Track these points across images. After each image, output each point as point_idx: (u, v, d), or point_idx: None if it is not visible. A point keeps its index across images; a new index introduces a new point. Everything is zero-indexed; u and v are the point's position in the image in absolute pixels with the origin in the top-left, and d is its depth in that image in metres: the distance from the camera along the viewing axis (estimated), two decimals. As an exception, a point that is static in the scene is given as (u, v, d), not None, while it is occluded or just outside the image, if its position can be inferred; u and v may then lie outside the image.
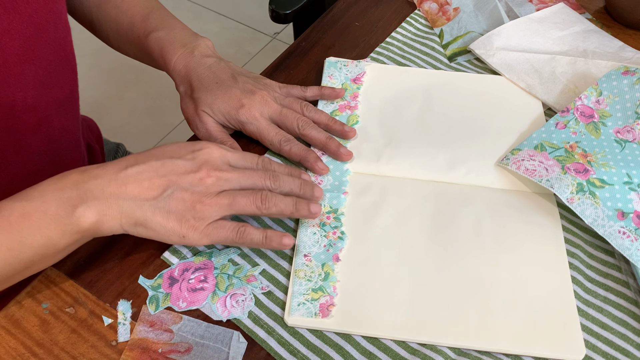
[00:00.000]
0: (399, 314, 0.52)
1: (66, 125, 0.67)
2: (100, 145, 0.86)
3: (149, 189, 0.51)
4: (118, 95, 1.92)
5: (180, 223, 0.51)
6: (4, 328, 0.51)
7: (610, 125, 0.63)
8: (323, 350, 0.50)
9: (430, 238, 0.57)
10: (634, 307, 0.53)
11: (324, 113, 0.65)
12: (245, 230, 0.52)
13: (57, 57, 0.63)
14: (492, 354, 0.51)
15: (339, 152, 0.62)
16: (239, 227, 0.52)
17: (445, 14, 0.79)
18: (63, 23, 0.63)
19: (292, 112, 0.63)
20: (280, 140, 0.62)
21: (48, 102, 0.63)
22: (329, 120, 0.65)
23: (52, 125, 0.64)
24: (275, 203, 0.53)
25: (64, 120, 0.66)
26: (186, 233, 0.51)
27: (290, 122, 0.63)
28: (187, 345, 0.50)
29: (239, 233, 0.52)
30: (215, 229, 0.52)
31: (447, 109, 0.68)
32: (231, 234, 0.52)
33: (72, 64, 0.67)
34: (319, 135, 0.63)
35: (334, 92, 0.68)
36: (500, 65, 0.72)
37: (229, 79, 0.63)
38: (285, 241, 0.53)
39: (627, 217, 0.55)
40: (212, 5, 2.19)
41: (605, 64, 0.70)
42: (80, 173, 0.52)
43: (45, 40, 0.60)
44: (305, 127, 0.63)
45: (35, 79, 0.60)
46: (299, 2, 0.97)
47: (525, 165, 0.60)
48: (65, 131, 0.67)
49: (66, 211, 0.49)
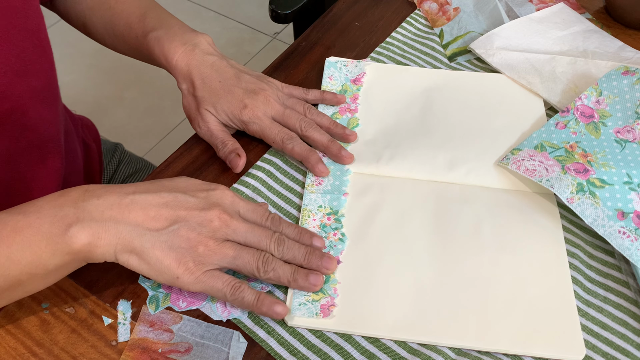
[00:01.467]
0: (399, 314, 0.52)
1: (44, 115, 0.65)
2: (97, 143, 0.86)
3: (155, 220, 0.49)
4: (118, 95, 1.92)
5: (178, 263, 0.49)
6: (4, 328, 0.51)
7: (610, 125, 0.63)
8: (323, 350, 0.50)
9: (430, 238, 0.57)
10: (634, 307, 0.53)
11: (326, 116, 0.65)
12: (240, 287, 0.50)
13: (31, 45, 0.61)
14: (492, 354, 0.51)
15: (340, 154, 0.62)
16: (234, 283, 0.50)
17: (446, 14, 0.79)
18: (34, 10, 0.62)
19: (294, 113, 0.63)
20: (283, 138, 0.62)
21: (23, 91, 0.61)
22: (331, 124, 0.65)
23: (27, 114, 0.62)
24: (274, 268, 0.51)
25: (41, 110, 0.64)
26: (181, 275, 0.49)
27: (292, 123, 0.63)
28: (187, 345, 0.50)
29: (233, 289, 0.50)
30: (210, 278, 0.49)
31: (447, 108, 0.68)
32: (225, 288, 0.50)
33: (48, 52, 0.65)
34: (321, 137, 0.63)
35: (335, 98, 0.68)
36: (500, 65, 0.72)
37: (232, 77, 0.64)
38: (277, 309, 0.50)
39: (627, 217, 0.55)
40: (212, 5, 2.19)
41: (605, 64, 0.70)
42: (82, 192, 0.49)
43: (16, 26, 0.59)
44: (307, 128, 0.63)
45: (7, 66, 0.58)
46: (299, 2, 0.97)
47: (526, 165, 0.60)
48: (43, 120, 0.65)
49: (60, 229, 0.47)
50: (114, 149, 0.90)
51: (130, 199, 0.49)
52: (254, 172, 0.63)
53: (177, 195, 0.51)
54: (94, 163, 0.83)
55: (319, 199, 0.60)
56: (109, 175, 0.87)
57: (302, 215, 0.58)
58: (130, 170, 0.89)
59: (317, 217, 0.58)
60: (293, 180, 0.62)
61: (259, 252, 0.51)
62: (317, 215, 0.58)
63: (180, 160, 0.65)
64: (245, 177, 0.62)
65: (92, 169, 0.82)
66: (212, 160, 0.65)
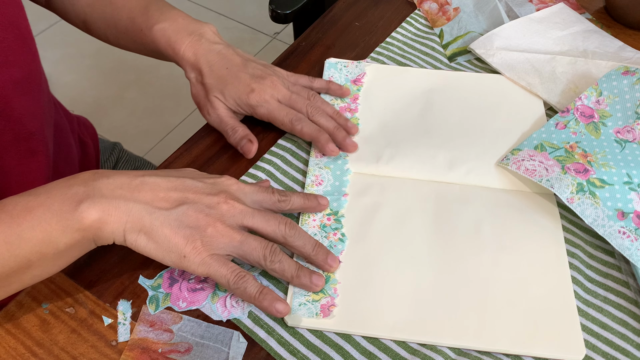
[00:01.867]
0: (399, 314, 0.52)
1: (27, 106, 0.65)
2: (94, 141, 0.86)
3: (164, 200, 0.50)
4: (118, 95, 1.92)
5: (186, 241, 0.49)
6: (4, 328, 0.51)
7: (610, 125, 0.63)
8: (323, 350, 0.50)
9: (430, 238, 0.57)
10: (634, 307, 0.53)
11: (330, 104, 0.66)
12: (244, 277, 0.50)
13: (11, 35, 0.61)
14: (492, 354, 0.51)
15: (345, 142, 0.63)
16: (239, 272, 0.50)
17: (445, 14, 0.79)
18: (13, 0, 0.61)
19: (301, 98, 0.64)
20: (292, 119, 0.62)
21: (5, 82, 0.61)
22: (334, 113, 0.66)
23: (11, 105, 0.62)
24: (281, 260, 0.51)
25: (24, 101, 0.64)
26: (188, 254, 0.49)
27: (299, 107, 0.64)
28: (187, 345, 0.50)
29: (237, 277, 0.50)
30: (216, 261, 0.49)
31: (447, 109, 0.68)
32: (230, 275, 0.49)
33: (29, 43, 0.65)
34: (328, 124, 0.63)
35: (340, 90, 0.69)
36: (500, 65, 0.72)
37: (239, 64, 0.64)
38: (278, 307, 0.50)
39: (627, 217, 0.55)
40: (212, 5, 2.19)
41: (605, 64, 0.71)
42: (92, 173, 0.50)
43: None
44: (314, 113, 0.64)
45: None
46: (299, 2, 0.97)
47: (526, 165, 0.60)
48: (27, 112, 0.65)
49: (70, 206, 0.48)
50: (112, 147, 0.89)
51: (140, 180, 0.50)
52: (253, 171, 0.63)
53: (185, 180, 0.52)
54: (91, 160, 0.83)
55: (319, 199, 0.60)
56: None
57: (302, 216, 0.58)
58: (128, 168, 0.89)
59: (317, 217, 0.58)
60: (293, 181, 0.62)
61: (266, 241, 0.51)
62: (317, 215, 0.58)
63: (180, 160, 0.65)
64: (244, 177, 0.62)
65: (88, 166, 0.82)
66: (212, 160, 0.65)
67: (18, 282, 0.49)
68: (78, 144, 0.80)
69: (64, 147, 0.75)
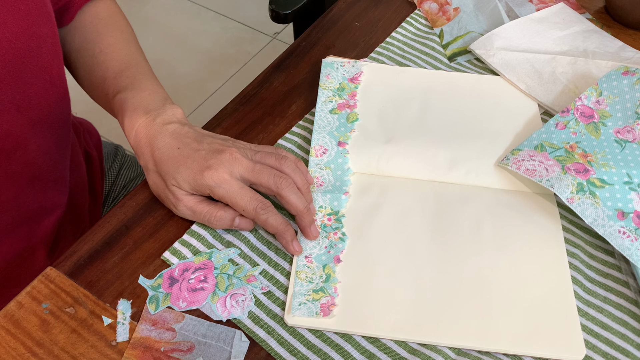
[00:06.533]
0: (399, 313, 0.52)
1: (42, 146, 0.64)
2: (98, 151, 0.85)
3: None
4: (118, 95, 1.91)
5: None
6: (4, 328, 0.51)
7: (610, 125, 0.63)
8: (323, 350, 0.50)
9: (430, 238, 0.57)
10: (634, 307, 0.53)
11: (300, 174, 0.58)
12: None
13: (40, 81, 0.60)
14: (492, 354, 0.51)
15: (310, 229, 0.56)
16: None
17: (445, 14, 0.79)
18: (49, 47, 0.60)
19: (267, 168, 0.56)
20: (256, 208, 0.54)
21: (23, 125, 0.60)
22: (303, 185, 0.58)
23: (27, 147, 0.61)
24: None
25: (39, 141, 0.63)
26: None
27: (265, 179, 0.55)
28: (189, 344, 0.50)
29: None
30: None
31: (446, 109, 0.68)
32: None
33: (57, 85, 0.64)
34: (298, 203, 0.55)
35: (307, 174, 0.60)
36: (500, 66, 0.72)
37: (193, 141, 0.57)
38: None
39: (627, 217, 0.56)
40: (212, 5, 2.19)
41: (605, 64, 0.71)
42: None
43: (28, 65, 0.58)
44: (284, 187, 0.55)
45: (12, 103, 0.57)
46: (299, 2, 0.97)
47: (525, 165, 0.60)
48: (42, 152, 0.64)
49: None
50: (115, 152, 0.89)
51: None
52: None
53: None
54: (96, 170, 0.83)
55: (320, 199, 0.60)
56: (111, 181, 0.87)
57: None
58: (131, 174, 0.89)
59: (318, 217, 0.58)
60: (293, 180, 0.62)
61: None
62: (317, 215, 0.58)
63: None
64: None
65: (93, 176, 0.82)
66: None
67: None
68: (84, 158, 0.80)
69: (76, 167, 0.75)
